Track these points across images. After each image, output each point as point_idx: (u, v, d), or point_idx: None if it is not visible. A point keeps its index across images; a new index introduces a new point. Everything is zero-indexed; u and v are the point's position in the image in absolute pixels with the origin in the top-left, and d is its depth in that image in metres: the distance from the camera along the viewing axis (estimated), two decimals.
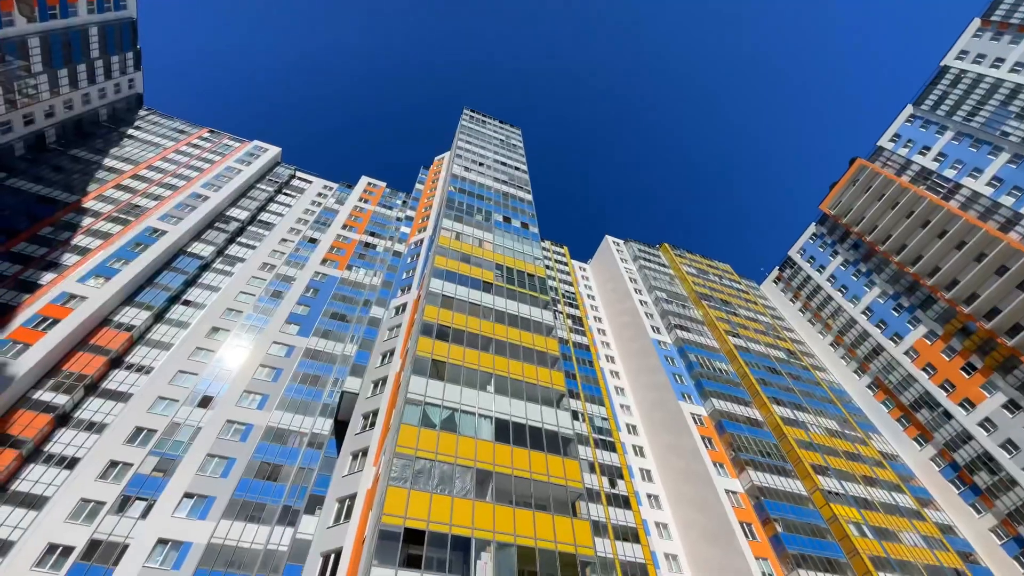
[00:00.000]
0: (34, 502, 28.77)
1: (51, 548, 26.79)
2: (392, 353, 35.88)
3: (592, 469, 43.49)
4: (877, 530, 41.72)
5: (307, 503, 32.60)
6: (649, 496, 45.48)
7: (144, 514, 29.28)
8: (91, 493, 29.53)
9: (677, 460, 46.63)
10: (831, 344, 70.63)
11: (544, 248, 76.67)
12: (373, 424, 30.75)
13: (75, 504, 28.81)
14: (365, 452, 29.38)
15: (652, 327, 60.66)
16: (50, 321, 35.74)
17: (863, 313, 66.76)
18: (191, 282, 46.87)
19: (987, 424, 49.65)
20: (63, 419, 33.09)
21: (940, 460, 53.26)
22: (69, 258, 41.40)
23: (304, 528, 31.26)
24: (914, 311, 60.75)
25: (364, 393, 33.84)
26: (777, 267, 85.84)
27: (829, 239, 77.27)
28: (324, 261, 54.63)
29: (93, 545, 27.25)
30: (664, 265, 77.48)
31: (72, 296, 38.11)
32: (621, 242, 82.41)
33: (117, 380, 36.65)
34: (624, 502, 42.38)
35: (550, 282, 67.83)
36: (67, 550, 26.87)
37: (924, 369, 56.91)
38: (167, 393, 36.29)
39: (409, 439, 24.49)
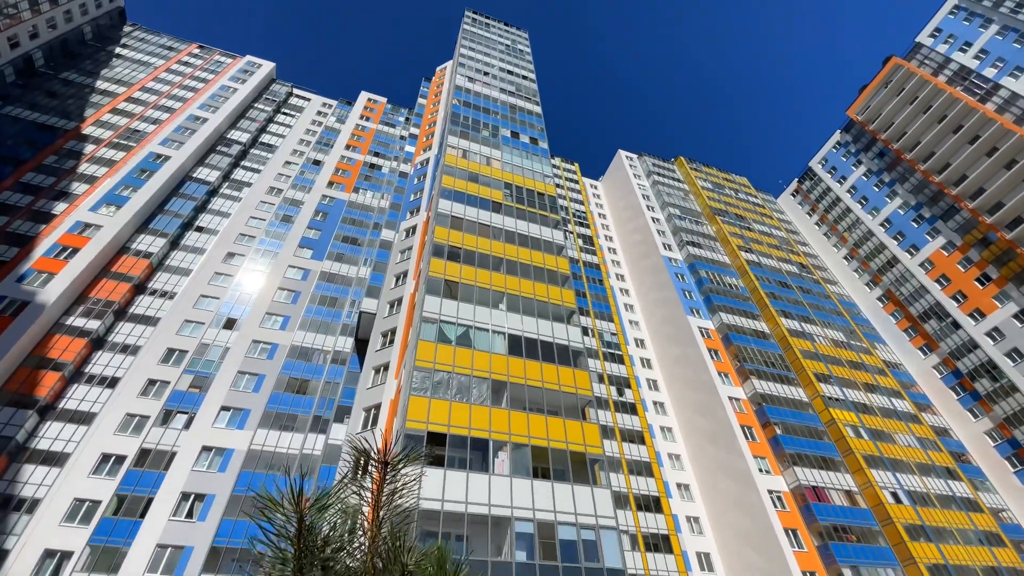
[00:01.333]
0: (82, 418, 31.26)
1: (104, 457, 29.54)
2: (405, 275, 36.45)
3: (601, 380, 45.53)
4: (873, 432, 44.00)
5: (335, 413, 35.02)
6: (655, 403, 47.93)
7: (187, 426, 31.80)
8: (135, 408, 31.92)
9: (683, 371, 48.47)
10: (845, 257, 69.97)
11: (554, 165, 74.39)
12: (392, 341, 32.04)
13: (121, 418, 31.28)
14: (386, 367, 30.91)
15: (664, 244, 60.26)
16: (70, 250, 36.49)
17: (881, 225, 65.32)
18: (201, 208, 46.89)
19: (995, 333, 50.21)
20: (98, 343, 34.93)
21: (943, 368, 54.66)
22: (78, 187, 41.32)
23: (335, 435, 33.86)
24: (934, 222, 59.24)
25: (381, 313, 34.90)
26: (796, 179, 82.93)
27: (854, 147, 73.67)
28: (330, 184, 53.90)
29: (143, 453, 29.96)
30: (679, 180, 75.18)
31: (87, 225, 38.54)
32: (634, 156, 79.47)
33: (143, 305, 38.08)
34: (631, 409, 44.80)
35: (560, 201, 66.63)
36: (120, 458, 29.63)
37: (938, 280, 56.63)
38: (193, 316, 37.79)
39: (427, 354, 25.63)
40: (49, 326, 33.71)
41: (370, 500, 1.14)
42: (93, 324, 34.78)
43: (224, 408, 33.30)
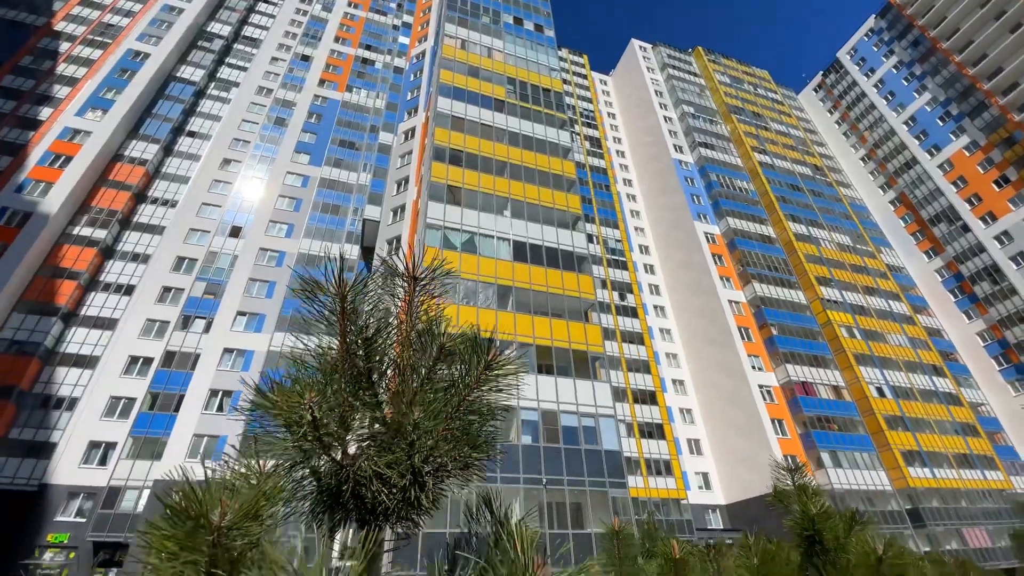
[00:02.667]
0: (105, 324, 32.63)
1: (132, 359, 31.30)
2: (407, 181, 35.66)
3: (604, 285, 46.34)
4: (866, 332, 45.50)
5: None
6: (655, 307, 49.21)
7: (206, 329, 33.23)
8: (154, 314, 33.17)
9: (686, 275, 49.09)
10: (862, 158, 67.37)
11: (560, 58, 69.04)
12: (397, 249, 32.25)
13: (143, 323, 32.64)
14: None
15: (675, 146, 57.85)
16: (63, 158, 35.58)
17: (905, 123, 61.96)
18: (190, 111, 44.79)
19: (1003, 237, 49.75)
20: (108, 252, 35.37)
21: (945, 272, 54.98)
22: (59, 90, 39.21)
23: None
24: (961, 119, 56.07)
25: (384, 220, 34.73)
26: (821, 72, 77.21)
27: (887, 35, 67.55)
28: (321, 82, 50.73)
29: (169, 355, 31.67)
30: (695, 74, 70.09)
31: (76, 131, 37.18)
32: (648, 47, 73.39)
33: (147, 214, 37.95)
34: (632, 312, 46.13)
35: (567, 99, 62.83)
36: (147, 360, 31.40)
37: (954, 183, 54.97)
38: (197, 225, 37.78)
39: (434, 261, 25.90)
40: (56, 236, 33.94)
41: (403, 300, 1.26)
42: (100, 233, 34.96)
43: (240, 313, 34.51)
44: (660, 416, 40.71)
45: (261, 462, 1.18)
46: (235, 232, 38.23)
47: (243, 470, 1.17)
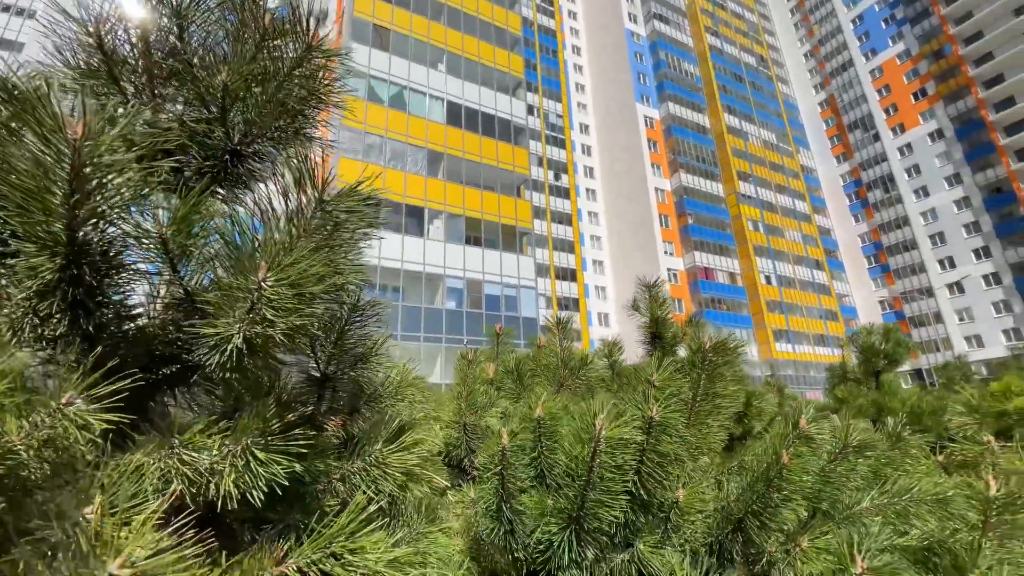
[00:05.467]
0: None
1: None
2: (325, 15, 30.75)
3: (540, 163, 45.64)
4: (769, 227, 49.83)
5: None
6: (587, 190, 49.89)
7: None
8: None
9: (620, 158, 49.37)
10: (805, 54, 67.32)
11: None
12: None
13: None
14: None
15: (630, 15, 53.90)
16: None
17: (852, 21, 61.55)
18: None
19: (906, 148, 53.96)
20: None
21: (848, 176, 59.73)
22: None
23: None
24: (903, 24, 56.56)
25: None
26: None
27: None
28: None
29: None
30: None
31: None
32: None
33: None
34: (564, 193, 46.56)
35: None
36: None
37: (879, 90, 57.19)
38: None
39: (355, 113, 23.72)
40: None
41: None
42: None
43: None
44: (578, 292, 43.72)
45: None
46: None
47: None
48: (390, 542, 1.15)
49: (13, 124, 0.73)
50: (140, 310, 0.97)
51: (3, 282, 0.80)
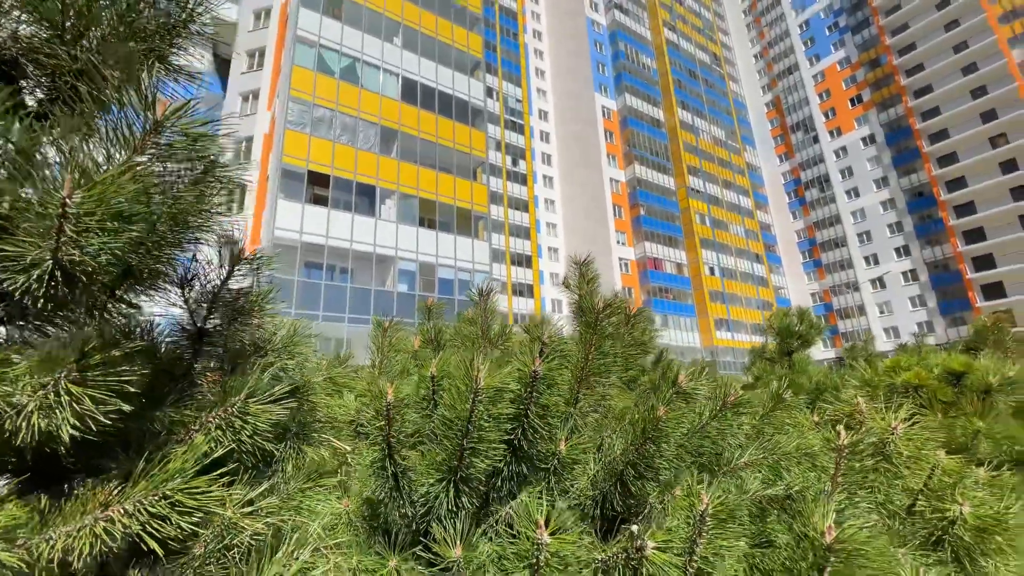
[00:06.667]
0: None
1: None
2: None
3: (498, 147, 45.32)
4: (715, 220, 51.98)
5: None
6: (544, 177, 50.09)
7: None
8: None
9: (577, 147, 49.83)
10: (755, 55, 70.02)
11: None
12: (261, 64, 27.34)
13: None
14: (256, 94, 27.05)
15: (591, 2, 54.03)
16: None
17: (800, 26, 64.45)
18: None
19: (841, 151, 57.44)
20: None
21: (789, 175, 63.04)
22: None
23: None
24: (845, 32, 59.77)
25: (244, 25, 28.63)
26: None
27: None
28: None
29: None
30: None
31: None
32: None
33: None
34: (522, 180, 46.55)
35: None
36: None
37: (820, 94, 60.40)
38: None
39: (304, 83, 22.61)
40: None
41: None
42: None
43: None
44: (533, 279, 44.07)
45: None
46: None
47: None
48: (251, 494, 1.11)
49: None
50: None
51: None
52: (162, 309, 1.41)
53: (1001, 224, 43.75)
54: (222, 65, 32.39)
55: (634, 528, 1.07)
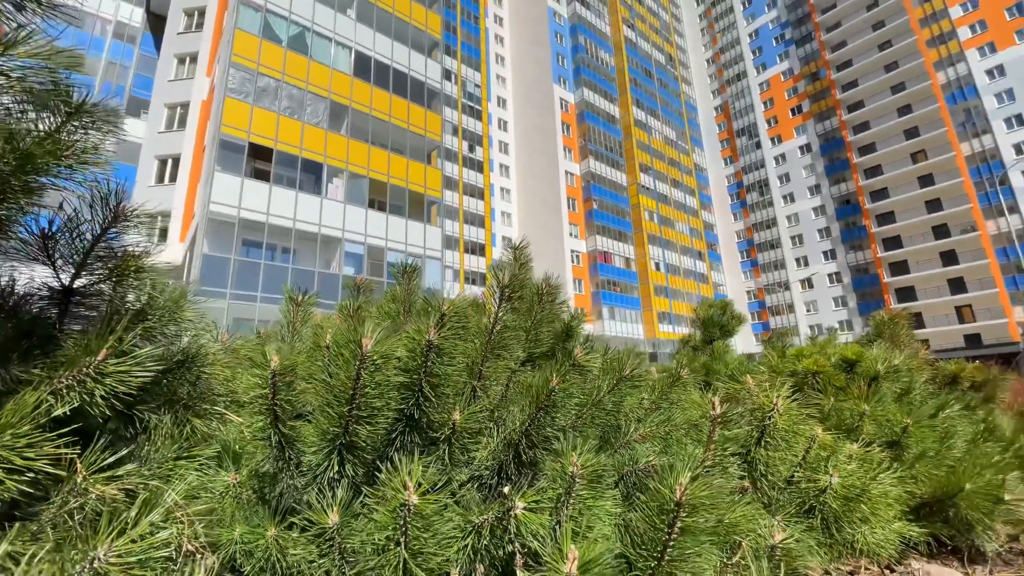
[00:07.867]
0: None
1: None
2: None
3: (455, 132, 44.66)
4: (662, 218, 53.81)
5: (128, 103, 28.80)
6: (501, 165, 49.94)
7: None
8: None
9: (535, 137, 49.95)
10: (708, 59, 72.53)
11: None
12: (201, 25, 25.46)
13: None
14: (195, 58, 25.21)
15: None
16: None
17: (749, 35, 67.29)
18: None
19: (780, 158, 60.79)
20: None
21: (732, 178, 66.11)
22: None
23: (132, 130, 28.53)
24: (790, 45, 62.96)
25: None
26: None
27: None
28: None
29: None
30: None
31: None
32: None
33: None
34: (478, 167, 46.17)
35: None
36: None
37: (765, 103, 63.53)
38: None
39: (248, 50, 21.27)
40: None
41: None
42: None
43: None
44: (486, 267, 43.98)
45: None
46: None
47: None
48: (110, 459, 1.05)
49: None
50: None
51: None
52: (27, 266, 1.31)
53: (916, 233, 47.98)
54: (157, 23, 29.94)
55: (505, 490, 1.10)
